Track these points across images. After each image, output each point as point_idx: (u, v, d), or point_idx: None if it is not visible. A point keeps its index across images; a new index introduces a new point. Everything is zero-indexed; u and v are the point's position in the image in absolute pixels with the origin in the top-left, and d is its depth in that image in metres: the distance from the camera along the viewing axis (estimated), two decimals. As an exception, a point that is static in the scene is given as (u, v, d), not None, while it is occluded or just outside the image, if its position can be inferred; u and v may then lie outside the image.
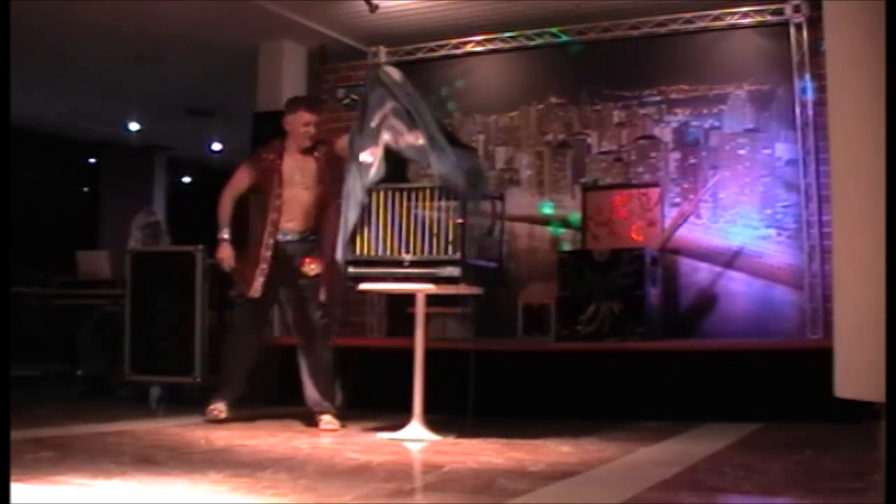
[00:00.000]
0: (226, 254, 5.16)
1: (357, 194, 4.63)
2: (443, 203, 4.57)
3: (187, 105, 10.13)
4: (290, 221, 5.16)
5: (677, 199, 6.87)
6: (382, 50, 7.87)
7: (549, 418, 5.35)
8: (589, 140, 7.28)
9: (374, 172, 4.63)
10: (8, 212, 7.05)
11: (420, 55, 7.82)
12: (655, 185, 6.85)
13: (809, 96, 6.47)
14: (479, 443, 4.42)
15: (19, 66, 6.96)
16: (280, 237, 5.12)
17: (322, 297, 5.14)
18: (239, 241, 5.28)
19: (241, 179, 5.25)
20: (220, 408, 5.16)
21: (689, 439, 4.61)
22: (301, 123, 5.23)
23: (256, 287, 5.06)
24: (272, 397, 6.02)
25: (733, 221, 6.69)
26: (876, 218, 2.11)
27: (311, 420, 5.11)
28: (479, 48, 7.66)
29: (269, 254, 5.07)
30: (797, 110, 6.52)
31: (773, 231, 6.58)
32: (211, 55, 8.23)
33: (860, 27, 2.29)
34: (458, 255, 4.50)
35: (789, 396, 5.19)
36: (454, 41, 7.68)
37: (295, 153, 5.24)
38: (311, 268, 5.14)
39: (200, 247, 6.18)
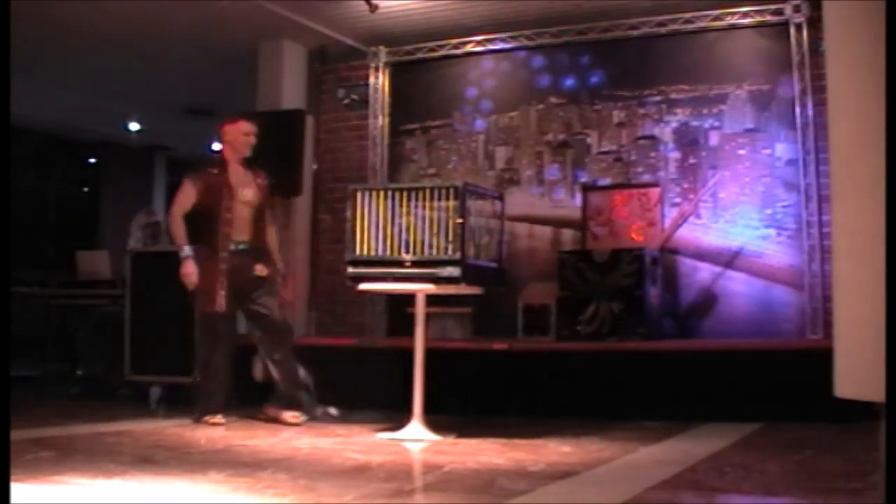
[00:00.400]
0: (190, 270, 5.21)
1: None
2: (443, 203, 4.57)
3: (187, 105, 10.13)
4: (240, 234, 5.33)
5: (677, 199, 6.87)
6: (382, 50, 7.88)
7: (549, 418, 5.35)
8: (589, 140, 7.28)
9: None
10: (8, 212, 7.04)
11: (420, 55, 7.82)
12: (655, 185, 6.85)
13: (809, 96, 6.47)
14: (479, 443, 4.42)
15: (20, 66, 6.97)
16: (233, 247, 5.27)
17: (286, 294, 5.46)
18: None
19: (188, 196, 5.32)
20: (219, 419, 5.21)
21: (689, 439, 4.61)
22: (242, 133, 5.40)
23: (221, 302, 5.19)
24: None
25: (733, 221, 6.68)
26: (876, 218, 2.10)
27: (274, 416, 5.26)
28: (479, 48, 7.66)
29: (225, 266, 5.21)
30: (797, 110, 6.52)
31: (773, 231, 6.58)
32: (211, 55, 8.23)
33: (860, 27, 2.28)
34: (458, 255, 4.51)
35: (789, 396, 5.18)
36: (454, 41, 7.68)
37: (236, 165, 5.39)
38: (260, 268, 5.34)
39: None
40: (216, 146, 5.87)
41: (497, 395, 5.77)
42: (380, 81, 7.93)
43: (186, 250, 5.20)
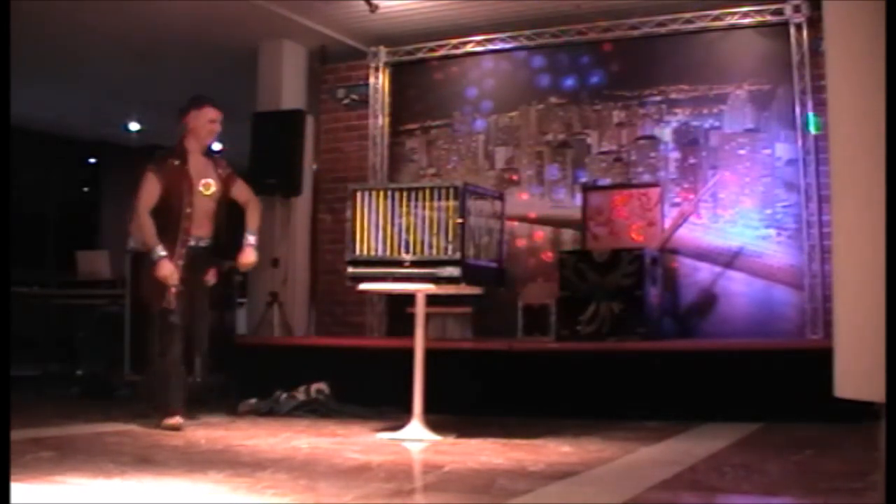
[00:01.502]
0: (168, 270, 4.88)
1: None
2: (443, 203, 4.57)
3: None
4: (199, 228, 5.06)
5: (677, 199, 6.87)
6: (382, 50, 7.88)
7: (549, 418, 5.35)
8: (589, 140, 7.28)
9: None
10: (8, 212, 7.05)
11: (420, 55, 7.82)
12: (655, 185, 6.85)
13: (809, 96, 6.47)
14: (479, 443, 4.42)
15: (20, 65, 6.95)
16: (192, 243, 5.01)
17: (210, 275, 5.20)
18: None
19: (153, 190, 4.97)
20: (178, 420, 4.90)
21: (689, 439, 4.61)
22: (207, 119, 5.09)
23: (170, 299, 4.91)
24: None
25: (733, 221, 6.69)
26: (876, 218, 2.11)
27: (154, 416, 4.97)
28: (479, 48, 7.66)
29: (181, 262, 4.95)
30: (797, 110, 6.52)
31: (773, 231, 6.58)
32: (211, 55, 8.23)
33: (860, 27, 2.28)
34: (458, 255, 4.51)
35: (789, 396, 5.18)
36: (454, 41, 7.69)
37: (197, 154, 5.11)
38: (210, 279, 5.18)
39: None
40: (215, 146, 5.72)
41: (497, 395, 5.77)
42: (380, 81, 7.93)
43: (160, 250, 4.87)
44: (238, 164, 5.68)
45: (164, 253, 4.88)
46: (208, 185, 5.09)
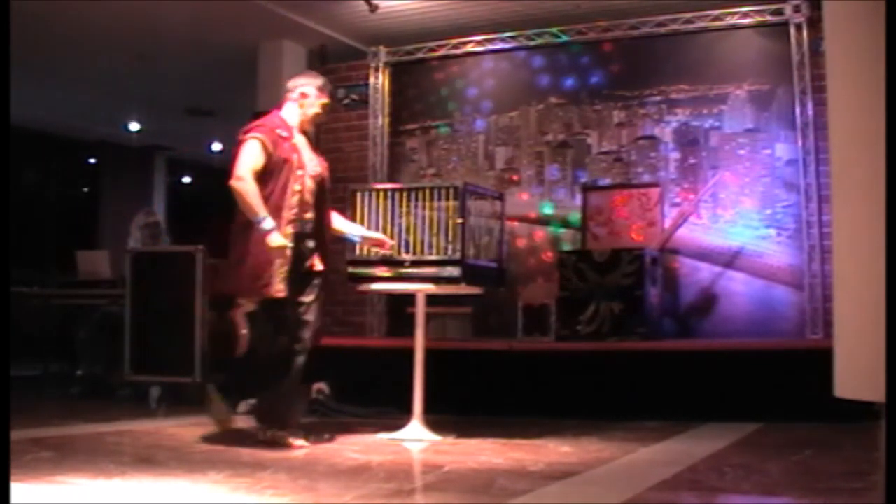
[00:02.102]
0: (282, 241, 4.14)
1: None
2: (443, 203, 4.58)
3: (187, 105, 10.13)
4: (307, 212, 4.35)
5: (677, 200, 6.87)
6: (382, 50, 7.88)
7: (548, 418, 5.35)
8: (589, 140, 7.28)
9: None
10: (8, 212, 7.05)
11: (420, 55, 7.82)
12: (655, 185, 6.85)
13: (809, 96, 6.47)
14: (479, 443, 4.42)
15: (20, 66, 6.96)
16: (298, 229, 4.28)
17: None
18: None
19: (257, 159, 4.23)
20: (300, 439, 4.36)
21: (689, 439, 4.61)
22: (322, 105, 4.51)
23: (279, 287, 4.18)
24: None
25: (733, 221, 6.69)
26: (876, 218, 2.11)
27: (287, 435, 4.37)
28: (479, 48, 7.66)
29: (289, 249, 4.19)
30: (797, 110, 6.52)
31: (773, 231, 6.58)
32: (211, 55, 8.23)
33: (860, 27, 2.29)
34: (458, 255, 4.51)
35: (789, 396, 5.19)
36: (454, 41, 7.68)
37: (299, 133, 4.48)
38: (318, 261, 4.40)
39: (200, 247, 6.17)
40: (215, 146, 5.47)
41: (497, 395, 5.77)
42: (380, 81, 7.93)
43: (269, 220, 4.12)
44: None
45: (273, 223, 4.14)
46: (315, 165, 4.46)
